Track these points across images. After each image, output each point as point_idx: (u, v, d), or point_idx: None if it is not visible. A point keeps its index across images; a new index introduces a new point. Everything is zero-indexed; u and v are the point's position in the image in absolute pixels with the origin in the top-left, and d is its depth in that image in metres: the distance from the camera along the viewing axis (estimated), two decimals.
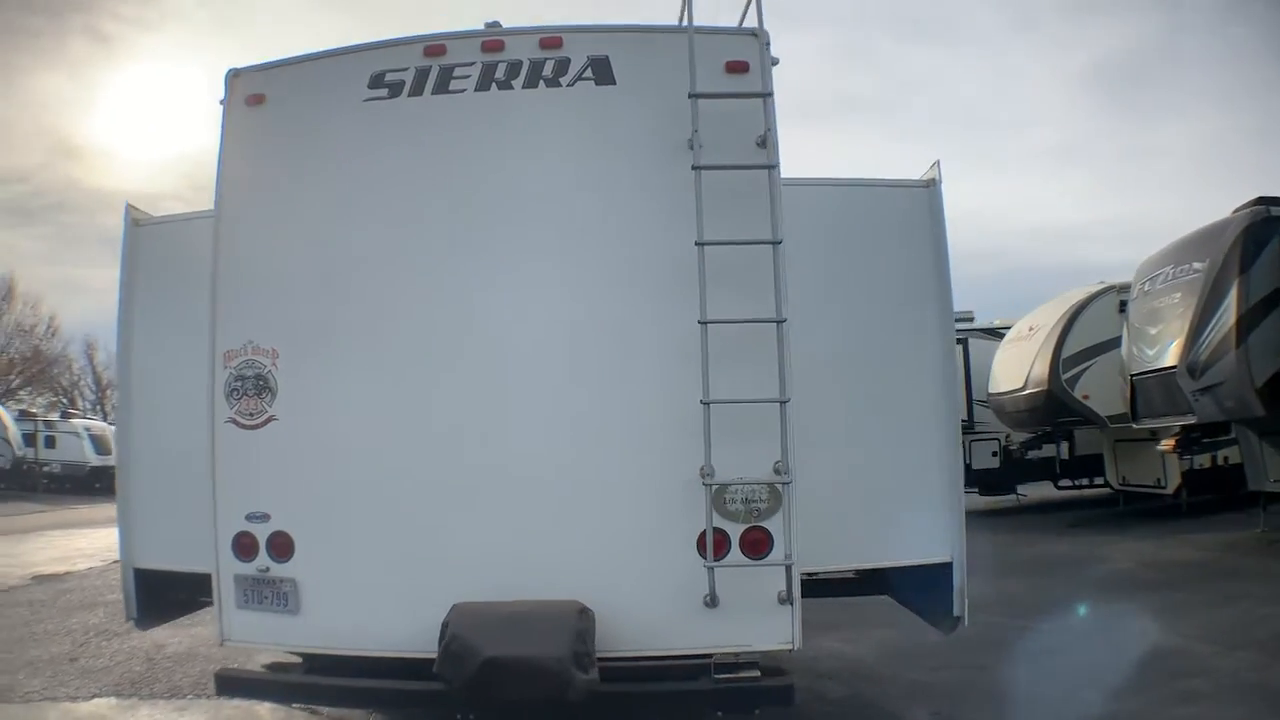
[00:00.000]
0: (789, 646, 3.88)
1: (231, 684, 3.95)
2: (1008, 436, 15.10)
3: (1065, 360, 12.71)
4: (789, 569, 3.79)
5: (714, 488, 3.84)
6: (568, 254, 4.05)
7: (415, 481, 3.96)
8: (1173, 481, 12.36)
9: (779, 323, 3.86)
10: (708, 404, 3.79)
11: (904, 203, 4.89)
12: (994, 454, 15.23)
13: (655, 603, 3.86)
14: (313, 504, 4.01)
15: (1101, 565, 9.88)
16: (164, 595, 4.65)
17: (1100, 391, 12.31)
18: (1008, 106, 72.51)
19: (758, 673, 3.82)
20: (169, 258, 4.75)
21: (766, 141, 4.04)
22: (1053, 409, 13.00)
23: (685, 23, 4.09)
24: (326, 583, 3.98)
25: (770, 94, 4.00)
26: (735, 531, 3.88)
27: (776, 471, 3.89)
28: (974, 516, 15.65)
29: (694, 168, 3.89)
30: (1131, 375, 10.97)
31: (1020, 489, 15.95)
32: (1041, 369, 12.86)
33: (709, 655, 3.89)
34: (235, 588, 4.01)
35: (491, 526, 3.90)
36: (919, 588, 5.02)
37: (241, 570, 4.00)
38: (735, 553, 3.87)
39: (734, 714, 3.88)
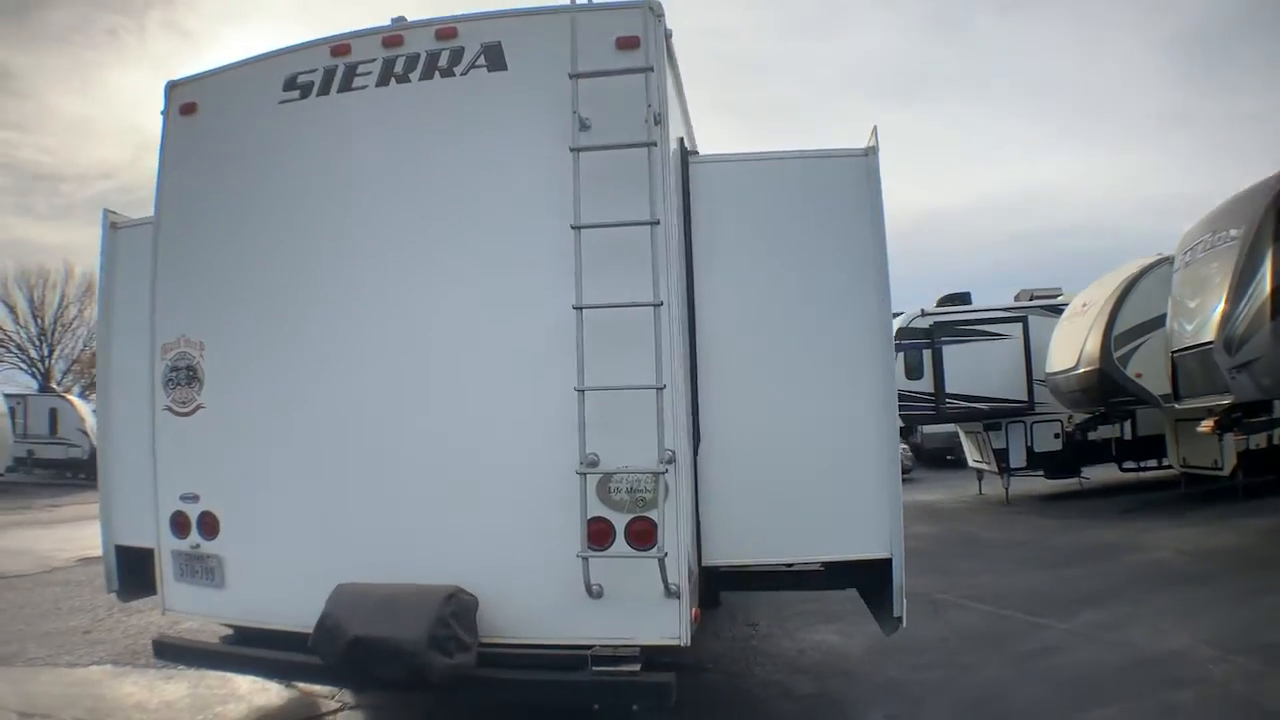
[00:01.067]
0: (676, 641, 3.76)
1: (166, 650, 4.29)
2: (1070, 418, 14.18)
3: (1117, 337, 11.72)
4: (662, 561, 3.64)
5: (598, 477, 3.78)
6: (459, 243, 4.07)
7: (317, 467, 4.13)
8: (1229, 463, 11.71)
9: (655, 306, 3.71)
10: (582, 391, 3.72)
11: (840, 173, 4.57)
12: (1055, 436, 14.47)
13: (540, 591, 3.84)
14: (235, 486, 4.28)
15: (1139, 554, 9.38)
16: (143, 570, 5.09)
17: (1153, 370, 11.37)
18: (1098, 76, 65.60)
19: (637, 667, 3.70)
20: (144, 258, 5.15)
21: (660, 119, 3.89)
22: (1105, 388, 12.05)
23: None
24: (246, 560, 4.23)
25: (651, 69, 3.84)
26: (620, 522, 3.79)
27: (661, 460, 3.76)
28: (1031, 501, 15.25)
29: (571, 149, 3.81)
30: (1172, 352, 10.12)
31: (1085, 472, 15.17)
32: (1093, 347, 11.88)
33: (601, 646, 3.80)
34: (173, 562, 4.36)
35: (382, 511, 4.01)
36: (869, 585, 4.72)
37: (177, 546, 4.34)
38: (620, 543, 3.78)
39: (618, 706, 3.78)
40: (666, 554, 3.65)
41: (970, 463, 16.52)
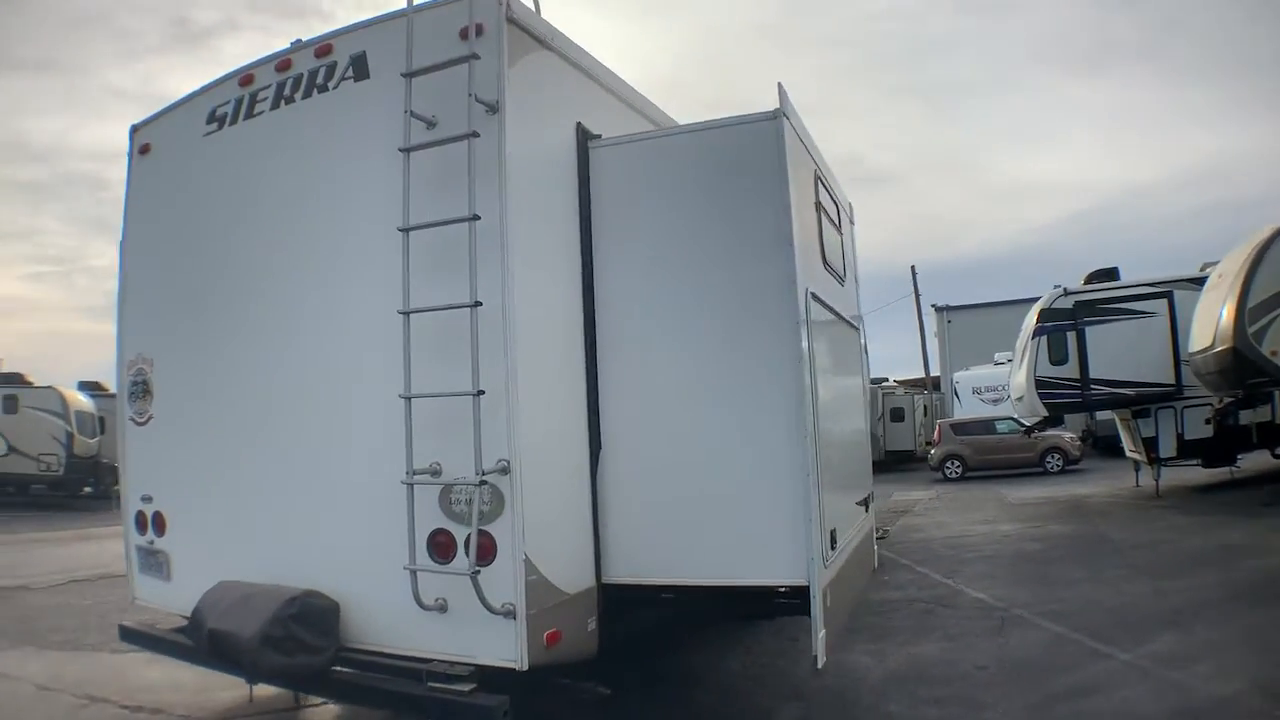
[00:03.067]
0: (512, 664, 3.55)
1: (130, 635, 4.74)
2: (1219, 400, 12.26)
3: (1251, 311, 9.75)
4: (474, 578, 3.45)
5: (439, 487, 3.67)
6: (329, 256, 4.13)
7: (230, 473, 4.40)
8: None
9: (471, 307, 3.52)
10: (408, 398, 3.63)
11: (746, 141, 4.11)
12: (1206, 422, 12.65)
13: (391, 601, 3.79)
14: (178, 489, 4.68)
15: (1257, 560, 8.56)
16: None
17: None
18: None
19: (467, 687, 3.53)
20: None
21: (495, 107, 3.71)
22: (1241, 369, 10.16)
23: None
24: (184, 556, 4.62)
25: (475, 56, 3.65)
26: (461, 534, 3.64)
27: (499, 469, 3.57)
28: (1181, 494, 13.91)
29: (400, 150, 3.73)
30: None
31: (1242, 459, 13.34)
32: (1227, 322, 9.98)
33: (439, 662, 3.68)
34: (137, 556, 4.83)
35: (271, 515, 4.20)
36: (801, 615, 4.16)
37: (139, 542, 4.81)
38: (461, 558, 3.63)
39: None
40: (478, 571, 3.45)
41: (1126, 452, 14.88)
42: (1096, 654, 5.85)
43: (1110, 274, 14.36)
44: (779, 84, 4.03)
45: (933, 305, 38.39)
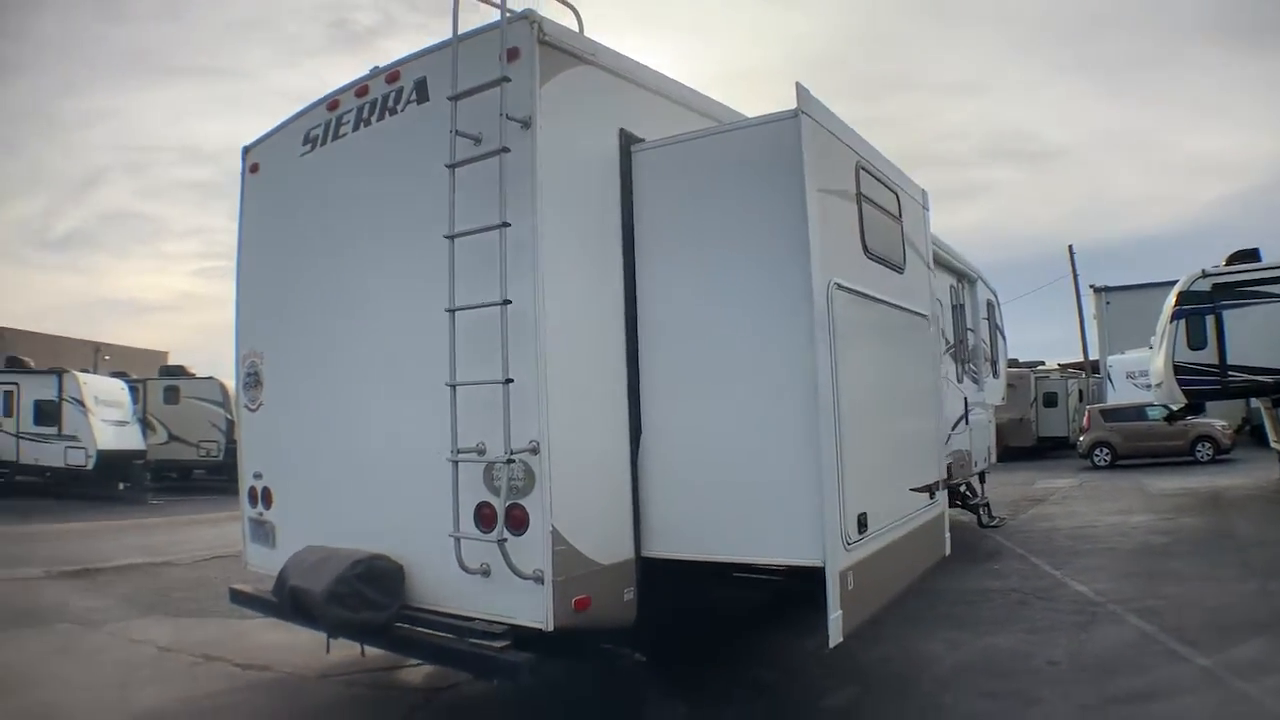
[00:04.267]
0: (540, 625, 3.92)
1: (237, 596, 5.46)
2: None
3: None
4: (501, 545, 3.84)
5: (484, 464, 4.09)
6: (402, 262, 4.63)
7: (321, 452, 5.02)
8: None
9: (501, 305, 3.91)
10: (453, 386, 4.07)
11: (767, 141, 4.29)
12: None
13: (444, 565, 4.23)
14: (282, 467, 5.37)
15: None
16: None
17: None
18: None
19: (504, 644, 3.94)
20: None
21: (528, 123, 4.08)
22: None
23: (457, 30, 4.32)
24: (285, 526, 5.29)
25: (507, 79, 4.02)
26: (502, 507, 4.05)
27: (530, 449, 3.95)
28: None
29: (446, 166, 4.17)
30: None
31: None
32: None
33: (481, 621, 4.11)
34: (249, 527, 5.57)
35: (354, 490, 4.78)
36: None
37: (251, 514, 5.55)
38: (501, 527, 4.03)
39: (479, 677, 4.07)
40: (505, 539, 3.84)
41: (1271, 443, 14.07)
42: (1175, 656, 5.62)
43: (1251, 255, 13.22)
44: (797, 84, 4.16)
45: (1091, 286, 36.47)
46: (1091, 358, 34.45)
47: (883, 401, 5.01)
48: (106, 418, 21.17)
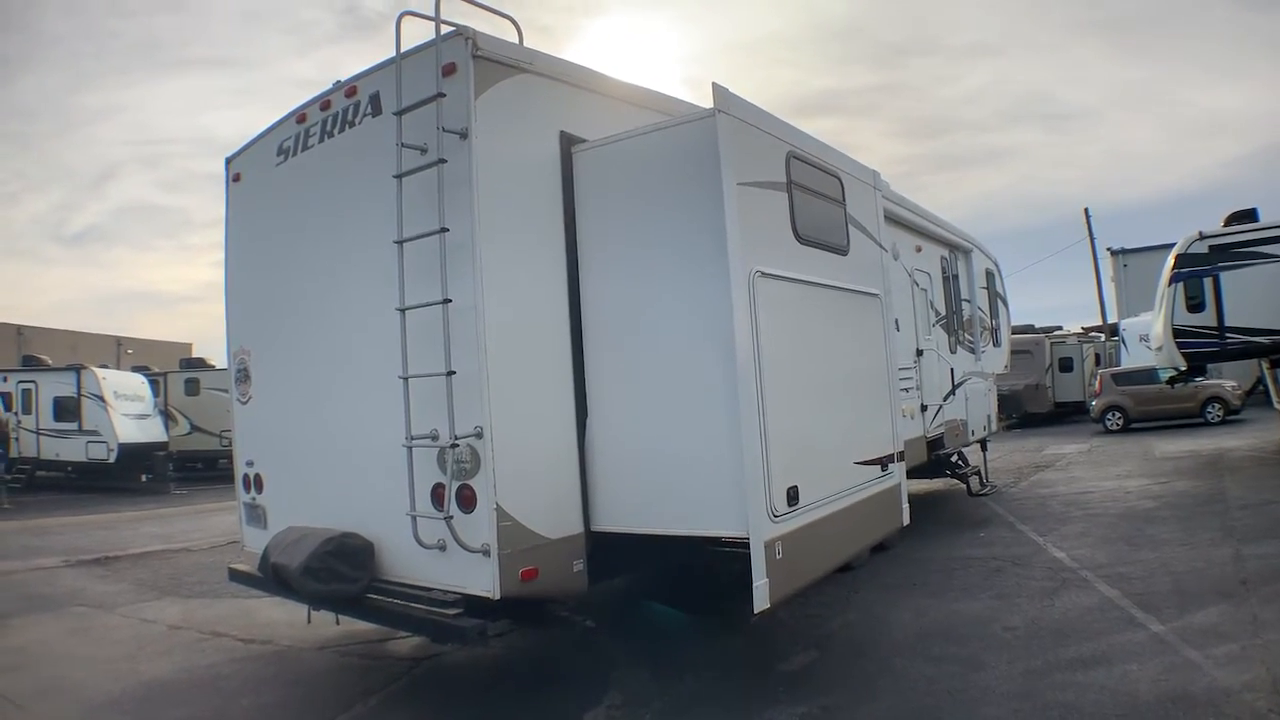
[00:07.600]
0: (488, 594, 4.31)
1: (235, 575, 5.95)
2: None
3: None
4: (448, 522, 4.23)
5: (437, 449, 4.47)
6: (358, 267, 5.01)
7: (303, 444, 5.45)
8: None
9: (443, 304, 4.27)
10: (404, 379, 4.45)
11: (688, 139, 4.58)
12: None
13: (406, 541, 4.63)
14: (271, 454, 5.82)
15: None
16: None
17: None
18: None
19: (457, 611, 4.34)
20: None
21: (465, 133, 4.40)
22: None
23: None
24: (275, 509, 5.74)
25: (442, 94, 4.35)
26: (453, 488, 4.43)
27: (474, 434, 4.33)
28: None
29: (394, 176, 4.52)
30: None
31: None
32: None
33: (439, 590, 4.52)
34: (244, 511, 6.04)
35: (331, 474, 5.20)
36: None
37: (245, 499, 6.02)
38: (453, 506, 4.42)
39: (437, 641, 4.47)
40: (451, 516, 4.23)
41: (1274, 403, 14.18)
42: (1131, 622, 5.79)
43: (1249, 215, 13.12)
44: (714, 84, 4.43)
45: (1108, 249, 36.12)
46: (1111, 321, 34.08)
47: (820, 380, 5.29)
48: (127, 411, 21.64)
